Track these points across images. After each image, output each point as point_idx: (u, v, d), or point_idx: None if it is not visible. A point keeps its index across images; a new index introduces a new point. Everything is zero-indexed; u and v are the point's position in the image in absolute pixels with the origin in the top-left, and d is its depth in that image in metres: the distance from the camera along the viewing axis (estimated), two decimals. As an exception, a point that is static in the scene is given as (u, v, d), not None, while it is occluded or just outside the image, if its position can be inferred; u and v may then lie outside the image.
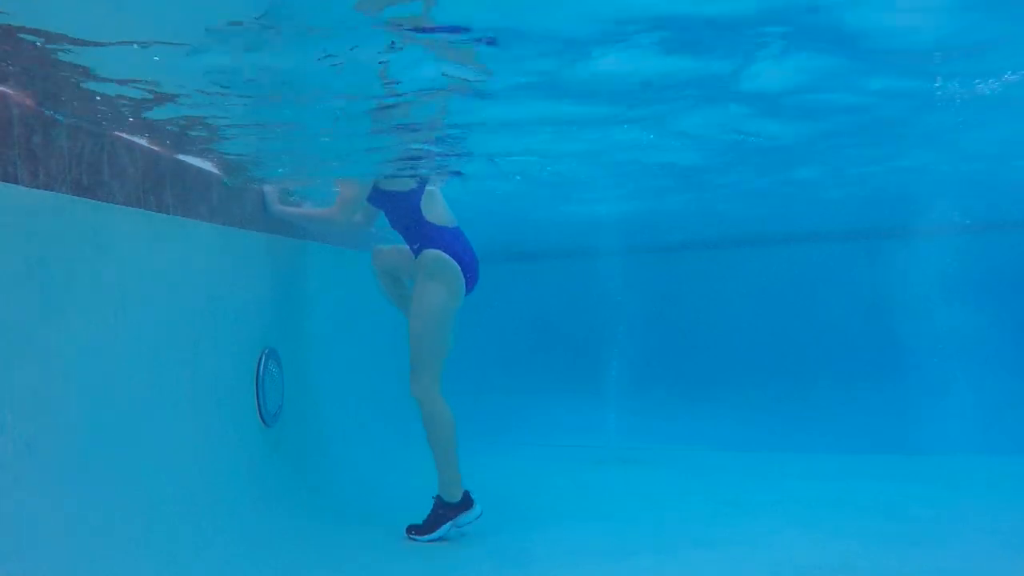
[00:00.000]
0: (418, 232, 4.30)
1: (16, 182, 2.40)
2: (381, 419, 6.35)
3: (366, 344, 6.36)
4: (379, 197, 4.43)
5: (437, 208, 4.38)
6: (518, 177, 5.66)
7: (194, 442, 3.54)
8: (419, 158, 4.23)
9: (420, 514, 4.25)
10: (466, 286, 4.28)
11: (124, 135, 3.08)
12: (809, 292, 11.03)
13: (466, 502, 4.24)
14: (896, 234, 10.31)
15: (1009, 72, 3.55)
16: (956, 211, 8.89)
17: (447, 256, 4.20)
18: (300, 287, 5.16)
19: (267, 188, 4.56)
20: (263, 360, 4.34)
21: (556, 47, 2.72)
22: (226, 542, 3.50)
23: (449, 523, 4.20)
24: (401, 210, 4.36)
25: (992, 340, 9.63)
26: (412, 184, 4.37)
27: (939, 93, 3.91)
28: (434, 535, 4.17)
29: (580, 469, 6.06)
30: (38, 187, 2.51)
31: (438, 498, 4.24)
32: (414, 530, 4.20)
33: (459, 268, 4.21)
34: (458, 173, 4.91)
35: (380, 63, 2.66)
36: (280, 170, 4.39)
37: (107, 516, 2.79)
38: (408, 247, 4.41)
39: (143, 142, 3.23)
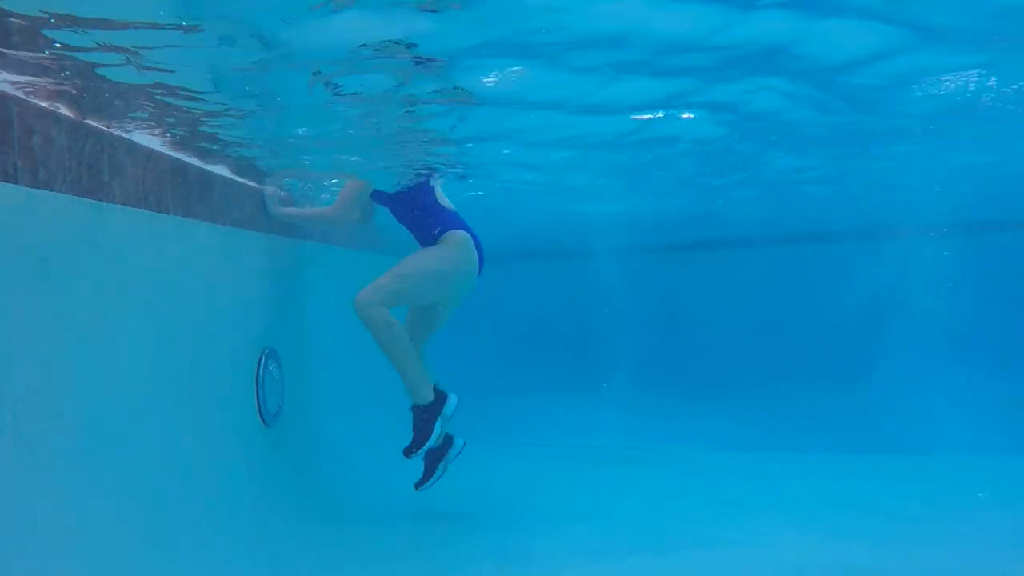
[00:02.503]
0: (436, 218, 4.36)
1: (16, 182, 2.40)
2: (381, 419, 6.34)
3: (366, 344, 6.35)
4: (385, 194, 4.48)
5: (442, 195, 4.47)
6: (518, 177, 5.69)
7: (194, 442, 3.53)
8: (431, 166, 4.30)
9: (420, 513, 4.25)
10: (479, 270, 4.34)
11: (124, 135, 3.08)
12: (809, 292, 11.02)
13: (440, 396, 4.24)
14: (896, 234, 10.31)
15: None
16: (953, 212, 8.89)
17: (470, 239, 4.28)
18: (300, 287, 5.16)
19: (267, 190, 4.56)
20: (263, 360, 4.34)
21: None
22: (226, 542, 3.49)
23: (437, 421, 4.17)
24: (414, 201, 4.41)
25: (992, 340, 9.64)
26: (419, 177, 4.43)
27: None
28: (430, 440, 4.14)
29: (580, 469, 6.06)
30: (38, 187, 2.51)
31: (414, 407, 4.21)
32: (411, 447, 4.15)
33: (476, 254, 4.29)
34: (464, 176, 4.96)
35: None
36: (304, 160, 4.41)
37: (107, 516, 2.78)
38: (422, 236, 4.44)
39: (143, 142, 3.23)
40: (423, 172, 4.39)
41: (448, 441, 4.34)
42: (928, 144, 5.52)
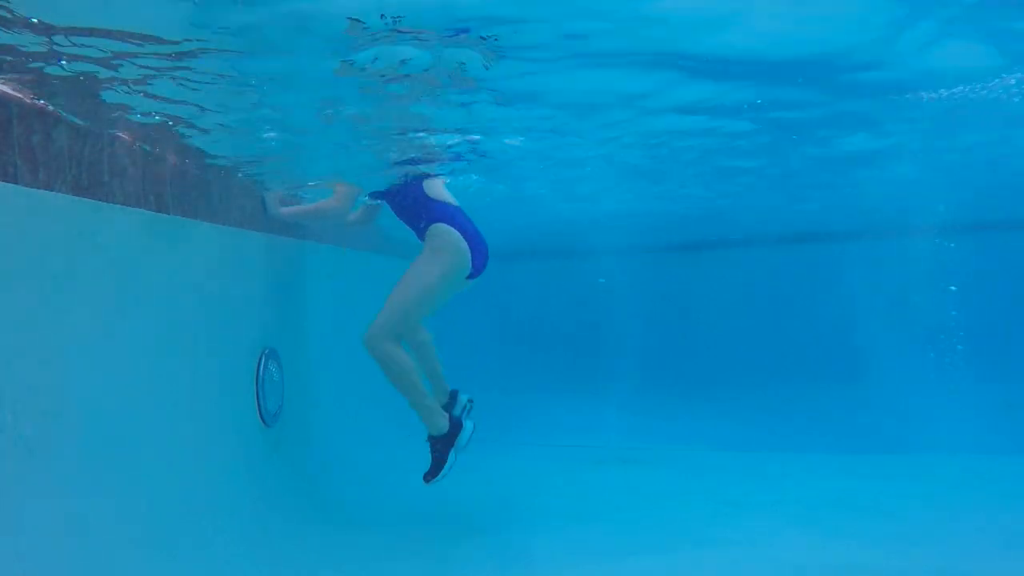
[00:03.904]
0: (423, 211, 4.33)
1: (16, 182, 2.40)
2: (381, 419, 6.35)
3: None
4: (381, 190, 4.50)
5: (438, 188, 4.45)
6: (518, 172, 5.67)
7: (194, 442, 3.54)
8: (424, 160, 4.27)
9: (420, 513, 4.26)
10: (475, 263, 4.26)
11: (124, 135, 3.08)
12: (809, 292, 11.04)
13: (456, 425, 4.26)
14: (896, 234, 10.32)
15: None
16: (951, 212, 8.90)
17: (454, 230, 4.20)
18: (300, 287, 5.16)
19: (266, 191, 4.57)
20: (263, 360, 4.34)
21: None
22: (226, 542, 3.49)
23: (452, 451, 4.20)
24: (404, 193, 4.41)
25: (992, 340, 9.64)
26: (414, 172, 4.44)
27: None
28: (445, 468, 4.18)
29: (580, 469, 6.05)
30: (38, 187, 2.51)
31: (430, 437, 4.24)
32: (429, 475, 4.20)
33: (466, 243, 4.19)
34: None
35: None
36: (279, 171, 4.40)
37: (107, 516, 2.78)
38: (415, 230, 4.44)
39: (143, 142, 3.23)
40: (420, 165, 4.37)
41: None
42: (930, 143, 5.52)
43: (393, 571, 3.74)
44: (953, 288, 9.57)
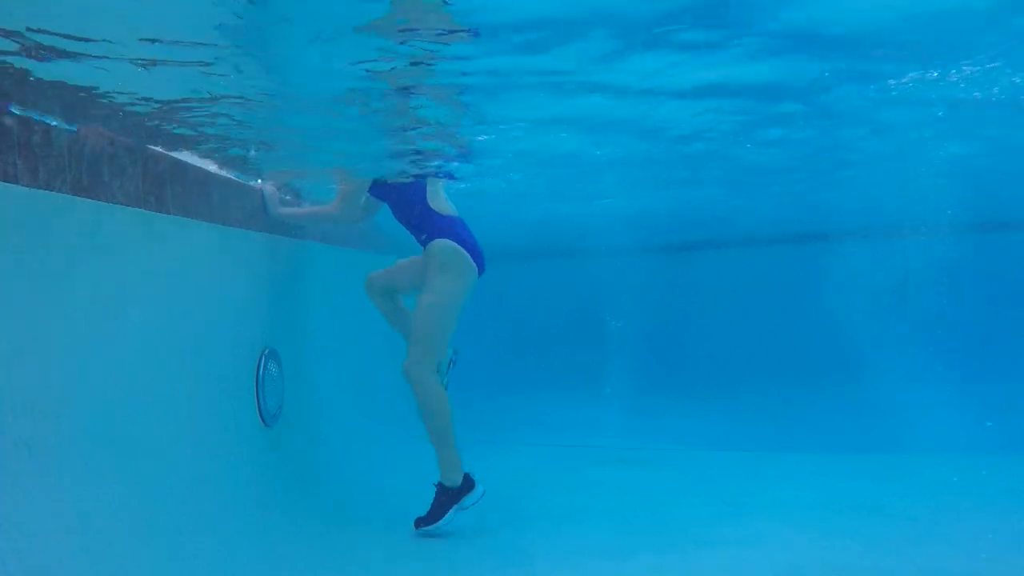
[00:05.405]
0: (425, 222, 4.33)
1: (16, 182, 2.40)
2: (381, 419, 6.35)
3: (366, 344, 6.36)
4: (383, 189, 4.47)
5: (440, 198, 4.44)
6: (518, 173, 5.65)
7: (194, 442, 3.54)
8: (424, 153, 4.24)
9: (420, 513, 4.25)
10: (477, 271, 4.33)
11: (124, 136, 3.08)
12: (809, 292, 11.03)
13: (468, 484, 4.24)
14: (894, 234, 10.31)
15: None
16: (951, 212, 8.90)
17: (457, 245, 4.24)
18: (300, 287, 5.16)
19: (267, 190, 4.56)
20: (263, 360, 4.34)
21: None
22: (226, 542, 3.49)
23: (454, 507, 4.19)
24: (406, 200, 4.40)
25: (992, 340, 9.64)
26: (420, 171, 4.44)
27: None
28: (441, 522, 4.16)
29: (580, 469, 6.05)
30: (38, 187, 2.51)
31: (439, 484, 4.23)
32: (422, 522, 4.19)
33: (470, 257, 4.25)
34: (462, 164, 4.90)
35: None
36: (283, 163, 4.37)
37: (107, 516, 2.79)
38: (415, 239, 4.45)
39: (143, 143, 3.23)
40: (421, 161, 4.35)
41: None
42: (930, 142, 5.51)
43: (393, 571, 3.74)
44: (953, 288, 9.57)
